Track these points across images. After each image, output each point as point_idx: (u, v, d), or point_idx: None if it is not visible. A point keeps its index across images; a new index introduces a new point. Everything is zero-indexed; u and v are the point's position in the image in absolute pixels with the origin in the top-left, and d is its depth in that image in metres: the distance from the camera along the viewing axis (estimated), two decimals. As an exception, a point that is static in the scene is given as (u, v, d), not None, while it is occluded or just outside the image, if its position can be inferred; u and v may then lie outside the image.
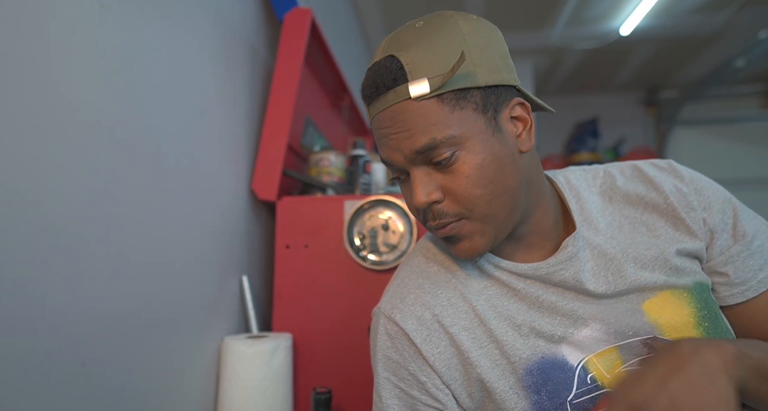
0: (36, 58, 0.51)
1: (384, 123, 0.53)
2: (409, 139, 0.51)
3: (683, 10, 2.51)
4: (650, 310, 0.55)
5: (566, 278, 0.56)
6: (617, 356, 0.54)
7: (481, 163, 0.51)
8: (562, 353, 0.55)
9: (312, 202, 1.05)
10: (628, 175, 0.63)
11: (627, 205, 0.61)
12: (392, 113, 0.52)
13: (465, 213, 0.53)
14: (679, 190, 0.59)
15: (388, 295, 0.63)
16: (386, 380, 0.60)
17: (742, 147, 3.67)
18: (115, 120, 0.63)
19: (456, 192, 0.52)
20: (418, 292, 0.60)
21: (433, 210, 0.53)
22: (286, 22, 1.10)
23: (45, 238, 0.52)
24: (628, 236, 0.59)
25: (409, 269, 0.64)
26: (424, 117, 0.51)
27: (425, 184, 0.52)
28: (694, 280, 0.57)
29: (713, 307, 0.56)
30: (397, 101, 0.51)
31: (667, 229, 0.59)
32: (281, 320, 1.03)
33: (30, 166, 0.50)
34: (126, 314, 0.64)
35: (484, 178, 0.52)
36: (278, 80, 1.07)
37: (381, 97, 0.52)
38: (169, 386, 0.75)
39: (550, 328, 0.55)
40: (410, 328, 0.58)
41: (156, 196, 0.72)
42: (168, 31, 0.76)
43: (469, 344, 0.56)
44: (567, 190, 0.62)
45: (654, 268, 0.57)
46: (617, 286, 0.56)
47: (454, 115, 0.51)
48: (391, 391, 0.59)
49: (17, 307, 0.48)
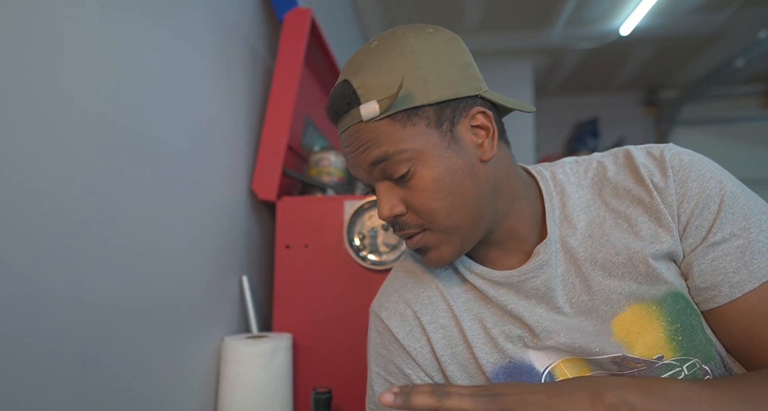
0: (36, 58, 0.51)
1: (344, 142, 0.56)
2: (364, 154, 0.54)
3: (683, 10, 2.51)
4: (618, 329, 0.53)
5: (537, 286, 0.56)
6: (585, 364, 0.54)
7: (436, 177, 0.52)
8: (529, 358, 0.56)
9: (312, 202, 1.05)
10: (621, 164, 0.59)
11: (615, 197, 0.58)
12: (350, 134, 0.54)
13: (426, 224, 0.54)
14: (657, 185, 0.55)
15: (379, 294, 0.67)
16: (377, 375, 0.63)
17: (742, 147, 3.67)
18: (114, 120, 0.63)
19: (415, 206, 0.53)
20: (402, 291, 0.64)
21: (398, 222, 0.56)
22: (286, 22, 1.10)
23: (44, 238, 0.52)
24: (605, 233, 0.56)
25: (398, 268, 0.68)
26: (376, 134, 0.53)
27: (388, 198, 0.54)
28: (666, 291, 0.53)
29: (690, 320, 0.52)
30: (352, 123, 0.54)
31: (650, 224, 0.55)
32: (281, 320, 1.03)
33: (29, 166, 0.50)
34: (126, 314, 0.64)
35: (441, 191, 0.53)
36: (278, 80, 1.07)
37: (340, 120, 0.55)
38: (169, 386, 0.75)
39: (518, 334, 0.56)
40: (393, 324, 0.62)
41: (156, 196, 0.72)
42: (168, 31, 0.76)
43: (443, 342, 0.59)
44: (551, 187, 0.60)
45: (624, 275, 0.54)
46: (582, 295, 0.55)
47: (406, 131, 0.52)
48: (382, 385, 0.63)
49: (17, 307, 0.48)
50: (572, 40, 2.78)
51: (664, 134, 3.82)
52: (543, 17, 2.55)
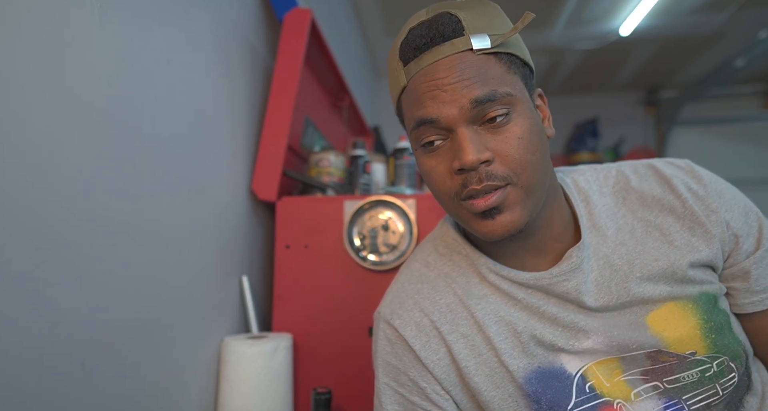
0: (35, 58, 0.51)
1: (438, 74, 0.49)
2: (467, 88, 0.48)
3: (683, 10, 2.51)
4: (654, 324, 0.53)
5: (568, 290, 0.54)
6: (618, 365, 0.53)
7: (531, 129, 0.50)
8: (560, 362, 0.54)
9: (312, 202, 1.05)
10: (643, 174, 0.59)
11: (642, 206, 0.58)
12: (449, 63, 0.49)
13: (513, 177, 0.49)
14: (697, 192, 0.56)
15: (388, 299, 0.63)
16: (386, 386, 0.59)
17: (742, 147, 3.66)
18: (114, 120, 0.63)
19: (509, 153, 0.49)
20: (417, 298, 0.60)
21: (479, 172, 0.49)
22: (286, 22, 1.10)
23: (44, 238, 0.51)
24: (639, 242, 0.56)
25: (408, 273, 0.64)
26: (484, 69, 0.49)
27: (476, 142, 0.49)
28: (701, 291, 0.54)
29: (720, 319, 0.54)
30: (455, 51, 0.49)
31: (683, 234, 0.55)
32: (281, 320, 1.02)
33: (29, 166, 0.50)
34: (126, 314, 0.64)
35: (534, 144, 0.50)
36: (278, 80, 1.07)
37: (435, 48, 0.50)
38: (169, 386, 0.75)
39: (551, 338, 0.54)
40: (409, 334, 0.58)
41: (156, 196, 0.72)
42: (168, 32, 0.76)
43: (467, 353, 0.56)
44: (575, 194, 0.59)
45: (660, 280, 0.54)
46: (620, 298, 0.54)
47: (509, 77, 0.51)
48: (391, 397, 0.59)
49: (17, 308, 0.48)
50: (572, 40, 2.78)
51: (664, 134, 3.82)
52: (543, 17, 2.55)
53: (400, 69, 0.53)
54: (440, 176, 0.52)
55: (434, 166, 0.52)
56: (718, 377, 0.52)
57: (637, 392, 0.52)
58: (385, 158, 1.29)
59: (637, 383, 0.53)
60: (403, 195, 1.04)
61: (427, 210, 1.01)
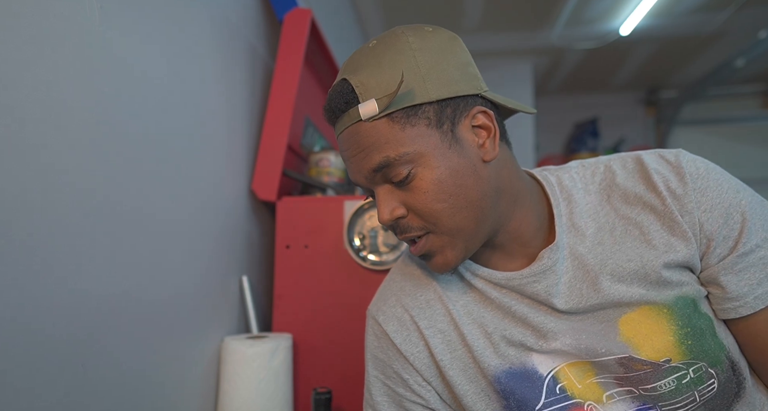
0: (35, 58, 0.51)
1: (343, 145, 0.54)
2: (364, 160, 0.52)
3: (683, 10, 2.51)
4: (625, 328, 0.53)
5: (538, 291, 0.55)
6: (590, 368, 0.53)
7: (438, 177, 0.51)
8: (532, 362, 0.55)
9: (312, 202, 1.05)
10: (630, 170, 0.58)
11: (625, 203, 0.57)
12: (348, 135, 0.53)
13: (429, 227, 0.53)
14: (674, 191, 0.54)
15: (376, 296, 0.66)
16: (375, 378, 0.63)
17: (742, 147, 3.66)
18: (114, 120, 0.63)
19: (417, 208, 0.52)
20: (399, 294, 0.63)
21: (399, 225, 0.54)
22: (286, 22, 1.10)
23: (44, 238, 0.51)
24: (617, 241, 0.55)
25: (396, 271, 0.67)
26: (376, 137, 0.51)
27: (388, 202, 0.53)
28: (677, 295, 0.53)
29: (700, 324, 0.52)
30: (350, 123, 0.52)
31: (662, 233, 0.54)
32: (281, 320, 1.02)
33: (28, 166, 0.50)
34: (125, 314, 0.64)
35: (443, 192, 0.51)
36: (278, 80, 1.07)
37: (338, 120, 0.54)
38: (169, 386, 0.75)
39: (520, 338, 0.55)
40: (391, 329, 0.61)
41: (156, 196, 0.72)
42: (167, 32, 0.76)
43: (443, 347, 0.58)
44: (557, 193, 0.59)
45: (632, 281, 0.53)
46: (589, 300, 0.54)
47: (406, 133, 0.51)
48: (380, 389, 0.62)
49: (17, 308, 0.48)
50: (572, 40, 2.78)
51: (664, 134, 3.82)
52: (543, 17, 2.55)
53: None
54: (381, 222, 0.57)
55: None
56: (696, 384, 0.51)
57: (609, 394, 0.52)
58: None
59: (609, 386, 0.53)
60: (403, 195, 1.04)
61: (427, 210, 1.01)
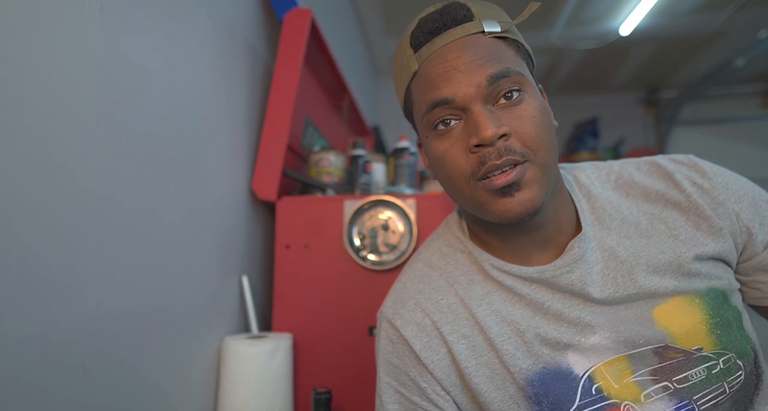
0: (35, 58, 0.51)
1: (451, 54, 0.51)
2: (482, 67, 0.50)
3: (683, 10, 2.51)
4: (661, 318, 0.53)
5: (573, 281, 0.54)
6: (627, 365, 0.52)
7: (542, 110, 0.52)
8: (567, 362, 0.53)
9: (312, 202, 1.05)
10: (646, 171, 0.60)
11: (646, 201, 0.58)
12: (462, 44, 0.51)
13: (530, 154, 0.50)
14: (702, 186, 0.56)
15: (391, 299, 0.63)
16: (388, 385, 0.59)
17: (742, 147, 3.66)
18: (113, 120, 0.63)
19: (525, 130, 0.49)
20: (419, 298, 0.60)
21: (497, 147, 0.49)
22: (286, 22, 1.10)
23: (43, 238, 0.51)
24: (644, 235, 0.56)
25: (411, 273, 0.64)
26: (496, 50, 0.51)
27: (493, 118, 0.49)
28: (708, 286, 0.54)
29: (728, 315, 0.53)
30: (465, 34, 0.51)
31: (688, 228, 0.55)
32: (281, 320, 1.02)
33: (28, 166, 0.50)
34: (126, 314, 0.64)
35: (546, 124, 0.51)
36: (278, 80, 1.07)
37: (447, 31, 0.52)
38: (169, 386, 0.75)
39: (555, 336, 0.53)
40: (410, 334, 0.58)
41: (156, 196, 0.72)
42: (167, 32, 0.76)
43: (467, 353, 0.55)
44: (576, 190, 0.60)
45: (666, 273, 0.54)
46: (626, 290, 0.53)
47: (519, 60, 0.53)
48: (392, 396, 0.59)
49: (17, 308, 0.48)
50: (572, 40, 2.78)
51: (664, 134, 3.81)
52: (543, 17, 2.55)
53: (411, 56, 0.54)
54: (455, 157, 0.51)
55: (448, 147, 0.52)
56: (726, 375, 0.51)
57: (647, 393, 0.51)
58: (385, 158, 1.29)
59: (647, 384, 0.52)
60: (403, 195, 1.04)
61: (427, 210, 1.01)
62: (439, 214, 1.00)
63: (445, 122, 0.52)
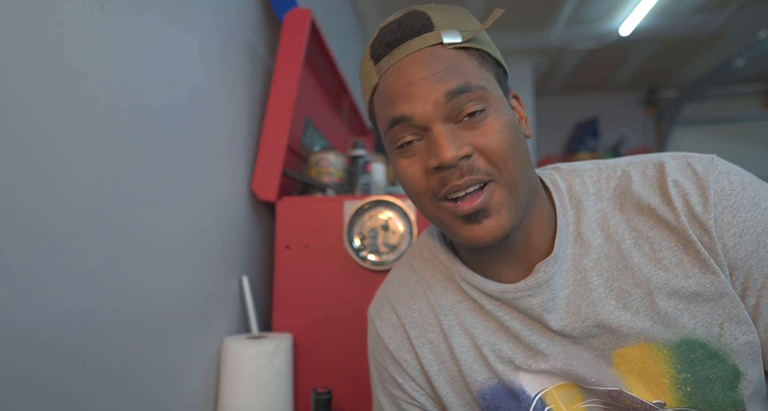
0: (35, 58, 0.51)
1: (409, 69, 0.48)
2: (440, 82, 0.47)
3: (683, 10, 2.51)
4: (620, 361, 0.49)
5: (532, 305, 0.51)
6: (578, 391, 0.52)
7: (508, 124, 0.48)
8: (520, 382, 0.53)
9: (312, 202, 1.05)
10: (649, 177, 0.52)
11: (638, 214, 0.51)
12: (420, 58, 0.48)
13: (495, 173, 0.47)
14: (693, 208, 0.48)
15: (375, 299, 0.67)
16: (377, 380, 0.64)
17: (742, 147, 3.66)
18: (114, 121, 0.63)
19: (489, 147, 0.47)
20: (395, 301, 0.63)
21: (460, 167, 0.47)
22: (286, 22, 1.10)
23: (43, 238, 0.51)
24: (624, 257, 0.50)
25: (394, 275, 0.67)
26: (455, 62, 0.48)
27: (453, 139, 0.46)
28: (682, 336, 0.47)
29: (708, 373, 0.46)
30: (424, 46, 0.48)
31: (676, 252, 0.48)
32: (281, 320, 1.02)
33: (28, 166, 0.50)
34: (126, 314, 0.64)
35: (513, 139, 0.48)
36: (278, 80, 1.07)
37: (405, 43, 0.48)
38: (169, 386, 0.75)
39: (510, 355, 0.54)
40: (385, 335, 0.62)
41: (156, 196, 0.72)
42: (167, 32, 0.76)
43: (431, 358, 0.58)
44: (566, 200, 0.55)
45: (638, 310, 0.48)
46: (587, 321, 0.50)
47: (482, 72, 0.49)
48: (381, 390, 0.64)
49: (17, 308, 0.48)
50: (572, 40, 2.78)
51: (664, 134, 3.82)
52: (543, 17, 2.55)
53: (371, 68, 0.51)
54: (415, 176, 0.49)
55: (408, 165, 0.50)
56: None
57: None
58: (385, 158, 1.29)
59: None
60: (403, 195, 1.04)
61: (427, 210, 1.01)
62: (439, 214, 1.00)
63: (408, 142, 0.49)
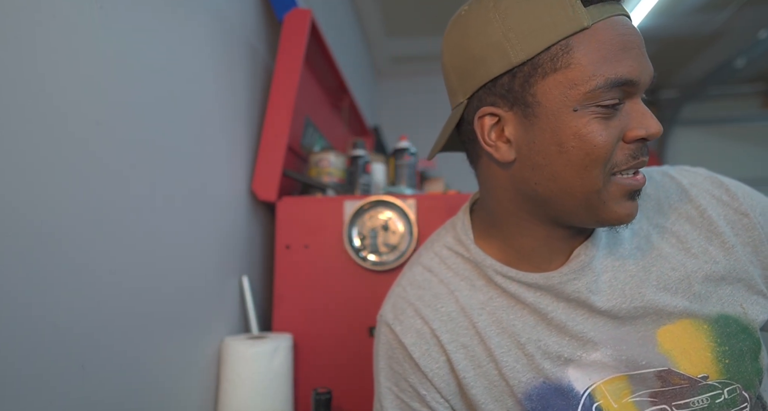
0: (35, 58, 0.51)
1: (626, 30, 0.46)
2: (648, 61, 0.47)
3: (683, 10, 2.51)
4: (664, 340, 0.51)
5: (578, 288, 0.52)
6: (626, 385, 0.51)
7: None
8: (568, 378, 0.52)
9: (312, 202, 1.05)
10: (658, 181, 0.58)
11: (657, 213, 0.56)
12: (631, 23, 0.47)
13: None
14: (720, 198, 0.55)
15: (390, 302, 0.62)
16: (388, 390, 0.59)
17: (742, 147, 3.66)
18: (113, 121, 0.63)
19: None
20: (418, 304, 0.59)
21: (641, 148, 0.48)
22: (286, 22, 1.10)
23: (43, 238, 0.51)
24: (654, 247, 0.54)
25: (411, 276, 0.62)
26: None
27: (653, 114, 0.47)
28: (719, 312, 0.51)
29: (739, 344, 0.50)
30: (629, 13, 0.48)
31: (700, 241, 0.53)
32: (281, 320, 1.02)
33: (28, 166, 0.50)
34: (126, 314, 0.64)
35: None
36: (278, 80, 1.07)
37: (620, 1, 0.47)
38: (169, 387, 0.75)
39: (557, 349, 0.52)
40: (409, 342, 0.57)
41: (155, 196, 0.72)
42: (167, 32, 0.76)
43: (466, 363, 0.55)
44: None
45: (677, 291, 0.52)
46: (633, 302, 0.52)
47: None
48: (393, 402, 0.59)
49: (17, 308, 0.48)
50: (572, 40, 2.77)
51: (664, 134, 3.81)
52: (543, 17, 2.55)
53: (578, 6, 0.45)
54: (608, 142, 0.46)
55: (602, 129, 0.46)
56: (729, 405, 0.49)
57: None
58: (385, 158, 1.29)
59: (645, 405, 0.50)
60: (403, 195, 1.04)
61: (427, 210, 1.01)
62: (439, 215, 1.00)
63: (616, 107, 0.46)
